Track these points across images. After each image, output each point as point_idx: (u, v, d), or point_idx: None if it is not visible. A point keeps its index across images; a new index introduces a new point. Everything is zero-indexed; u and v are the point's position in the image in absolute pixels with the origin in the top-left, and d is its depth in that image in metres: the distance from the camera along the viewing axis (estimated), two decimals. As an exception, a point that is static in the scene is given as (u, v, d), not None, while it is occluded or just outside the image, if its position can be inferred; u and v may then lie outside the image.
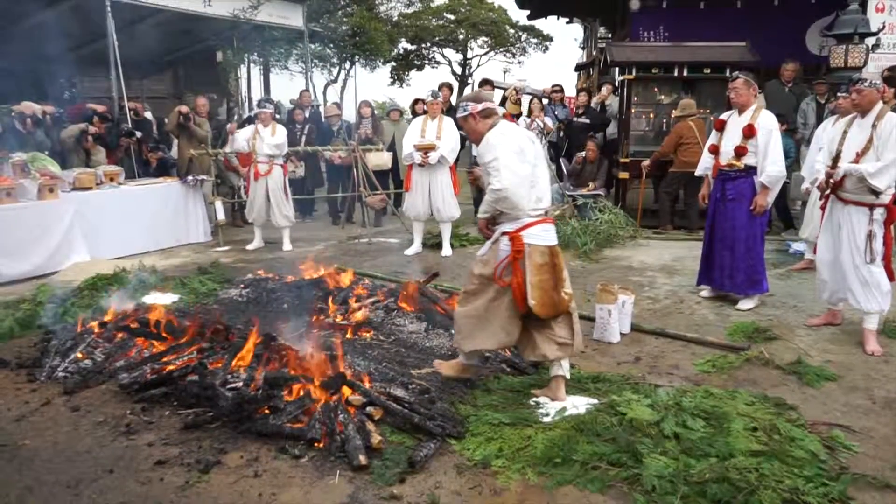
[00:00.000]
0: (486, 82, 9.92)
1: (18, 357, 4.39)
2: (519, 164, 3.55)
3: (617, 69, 10.56)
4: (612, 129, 10.02)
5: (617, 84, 10.45)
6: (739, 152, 5.27)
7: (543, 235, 3.62)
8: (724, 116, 5.52)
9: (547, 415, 3.45)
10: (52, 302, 5.33)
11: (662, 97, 9.70)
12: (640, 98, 9.61)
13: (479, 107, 3.70)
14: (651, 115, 9.93)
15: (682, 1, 11.34)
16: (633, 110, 9.43)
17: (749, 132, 5.19)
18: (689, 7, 11.32)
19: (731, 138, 5.34)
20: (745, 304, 5.44)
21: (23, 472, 3.04)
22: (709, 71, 8.90)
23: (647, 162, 8.63)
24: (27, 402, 3.77)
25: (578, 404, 3.54)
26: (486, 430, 3.29)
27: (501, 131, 3.63)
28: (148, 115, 10.15)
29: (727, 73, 8.36)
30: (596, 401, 3.59)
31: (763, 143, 5.16)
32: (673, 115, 8.96)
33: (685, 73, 8.99)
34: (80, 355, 4.24)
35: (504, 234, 3.61)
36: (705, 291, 5.80)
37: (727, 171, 5.37)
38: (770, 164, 5.15)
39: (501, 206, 3.58)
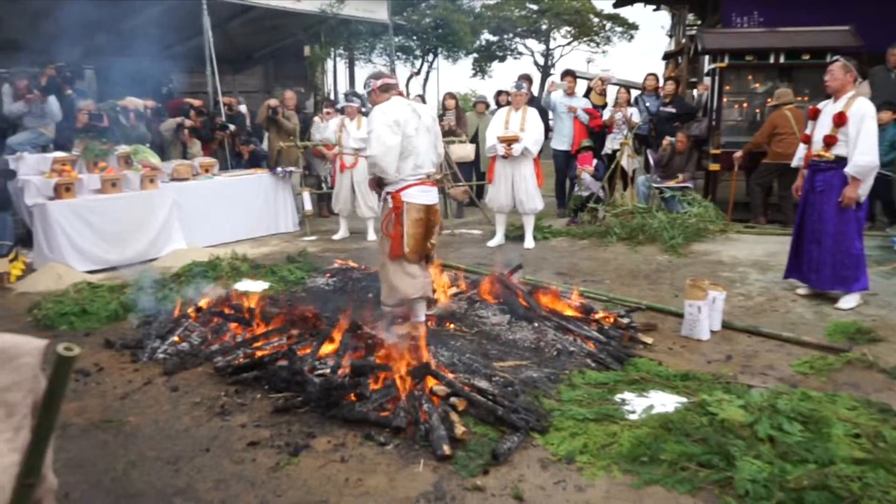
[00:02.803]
0: (567, 73, 9.75)
1: (123, 338, 4.65)
2: (390, 135, 4.22)
3: (707, 57, 10.19)
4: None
5: (707, 72, 10.10)
6: (828, 142, 4.99)
7: (420, 196, 4.38)
8: (820, 105, 5.24)
9: (633, 412, 3.38)
10: (153, 287, 5.62)
11: (757, 85, 9.30)
12: (733, 87, 9.25)
13: (379, 82, 4.46)
14: (744, 105, 9.54)
15: (779, -16, 10.81)
16: (724, 99, 9.08)
17: (839, 120, 4.91)
18: (786, -10, 10.79)
19: (822, 127, 5.09)
20: (847, 302, 5.15)
21: (128, 446, 3.22)
22: (808, 57, 8.47)
23: (739, 153, 8.30)
24: (130, 381, 3.99)
25: (666, 402, 3.46)
26: (570, 425, 3.25)
27: (383, 108, 4.29)
28: (243, 108, 10.51)
29: (828, 60, 7.94)
30: (685, 399, 3.49)
31: (854, 131, 4.85)
32: (768, 104, 8.58)
33: (782, 60, 8.59)
34: (177, 338, 4.46)
35: (388, 193, 4.39)
36: (802, 289, 5.53)
37: (817, 162, 5.12)
38: (859, 154, 4.83)
39: (374, 171, 4.38)
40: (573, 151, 9.06)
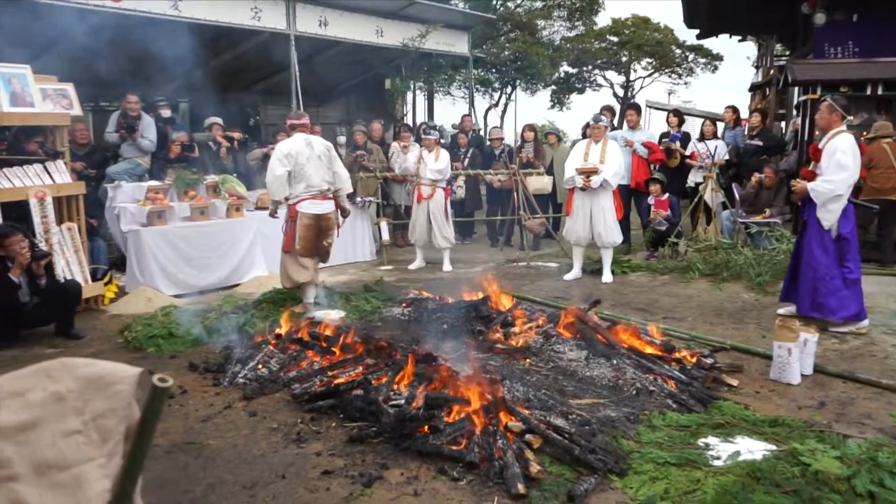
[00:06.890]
0: (630, 106, 9.68)
1: (206, 362, 4.79)
2: (279, 167, 5.72)
3: (797, 88, 9.85)
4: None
5: (797, 104, 9.75)
6: (804, 176, 5.33)
7: (311, 207, 5.84)
8: None
9: (718, 458, 3.23)
10: (235, 312, 5.78)
11: (851, 118, 8.89)
12: (825, 119, 8.89)
13: (287, 123, 6.10)
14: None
15: (876, 13, 10.36)
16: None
17: (815, 156, 5.27)
18: (883, 19, 10.33)
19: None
20: (837, 326, 5.36)
21: (207, 469, 3.30)
22: (909, 88, 8.08)
23: (831, 188, 7.94)
24: (212, 404, 4.10)
25: (753, 449, 3.28)
26: (650, 469, 3.12)
27: (280, 146, 5.88)
28: (342, 139, 10.81)
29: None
30: (774, 447, 3.30)
31: (824, 164, 5.18)
32: (864, 137, 8.20)
33: (880, 91, 8.21)
34: (258, 365, 4.55)
35: (288, 204, 5.86)
36: (784, 309, 5.78)
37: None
38: (821, 181, 5.15)
39: (269, 193, 6.00)
40: (633, 185, 8.83)
